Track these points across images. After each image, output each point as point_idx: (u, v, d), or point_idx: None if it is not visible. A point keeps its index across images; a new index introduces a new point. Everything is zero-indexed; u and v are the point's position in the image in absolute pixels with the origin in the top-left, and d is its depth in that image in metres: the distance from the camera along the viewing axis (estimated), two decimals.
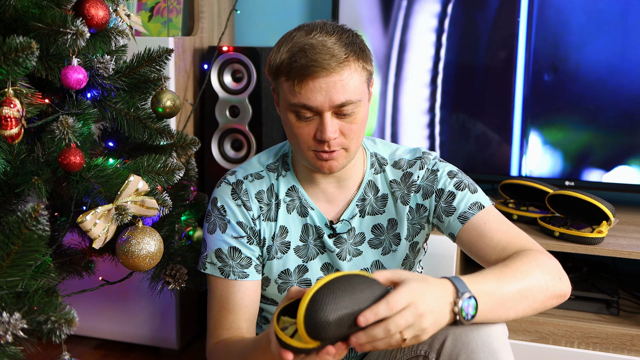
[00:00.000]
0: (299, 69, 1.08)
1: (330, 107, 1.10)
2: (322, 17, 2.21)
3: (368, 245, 1.27)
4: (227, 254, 1.23)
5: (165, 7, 2.04)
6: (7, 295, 0.98)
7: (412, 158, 1.27)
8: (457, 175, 1.25)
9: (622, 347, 1.62)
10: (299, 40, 1.10)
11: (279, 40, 1.15)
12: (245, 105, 1.94)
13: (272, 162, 1.28)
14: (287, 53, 1.11)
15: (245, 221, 1.24)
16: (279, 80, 1.13)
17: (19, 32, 1.05)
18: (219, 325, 1.21)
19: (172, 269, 1.47)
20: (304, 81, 1.09)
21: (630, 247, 1.60)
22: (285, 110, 1.15)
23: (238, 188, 1.25)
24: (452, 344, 1.05)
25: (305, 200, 1.25)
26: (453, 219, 1.22)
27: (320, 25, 1.13)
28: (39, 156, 1.17)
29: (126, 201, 1.17)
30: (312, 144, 1.14)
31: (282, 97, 1.14)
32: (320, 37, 1.10)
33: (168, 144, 1.42)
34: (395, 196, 1.26)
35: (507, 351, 1.05)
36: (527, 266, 1.05)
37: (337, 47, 1.09)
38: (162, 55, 1.35)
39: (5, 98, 1.01)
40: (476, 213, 1.20)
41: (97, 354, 2.01)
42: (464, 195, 1.22)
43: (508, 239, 1.15)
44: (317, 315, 0.84)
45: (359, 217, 1.26)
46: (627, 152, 1.84)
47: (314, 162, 1.17)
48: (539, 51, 1.86)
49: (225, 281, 1.23)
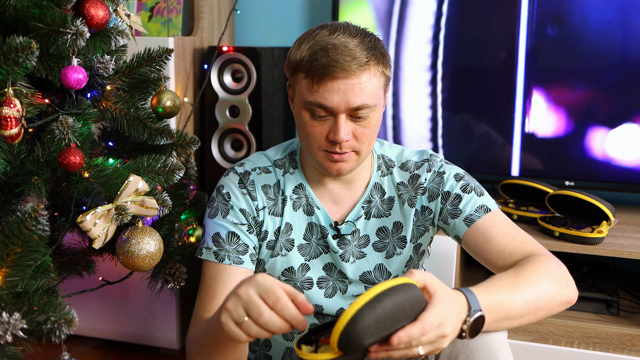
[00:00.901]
0: (319, 67, 1.08)
1: (345, 109, 1.10)
2: (322, 17, 2.21)
3: (372, 248, 1.26)
4: (225, 238, 1.21)
5: (165, 7, 2.04)
6: (7, 295, 0.98)
7: (420, 160, 1.27)
8: (463, 178, 1.25)
9: (622, 347, 1.62)
10: (321, 39, 1.10)
11: (300, 36, 1.15)
12: (245, 105, 1.94)
13: (279, 158, 1.28)
14: (308, 50, 1.10)
15: (249, 210, 1.23)
16: (297, 77, 1.13)
17: (19, 32, 1.05)
18: (202, 307, 1.20)
19: (172, 268, 1.47)
20: (322, 80, 1.09)
21: (630, 247, 1.60)
22: (299, 107, 1.15)
23: (245, 178, 1.25)
24: (451, 344, 1.05)
25: (312, 199, 1.25)
26: (459, 221, 1.21)
27: (344, 26, 1.13)
28: (39, 156, 1.17)
29: (126, 201, 1.17)
30: (324, 144, 1.14)
31: (298, 94, 1.14)
32: (343, 38, 1.10)
33: (168, 143, 1.42)
34: (402, 199, 1.26)
35: (506, 351, 1.05)
36: (536, 275, 1.05)
37: (359, 49, 1.09)
38: (162, 55, 1.35)
39: (5, 98, 1.01)
40: (482, 216, 1.20)
41: (97, 354, 2.01)
42: (471, 197, 1.22)
43: (515, 244, 1.15)
44: (356, 337, 0.81)
45: (364, 219, 1.26)
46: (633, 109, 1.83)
47: (323, 163, 1.17)
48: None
49: (217, 265, 1.21)
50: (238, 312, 0.88)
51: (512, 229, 1.19)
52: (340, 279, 1.26)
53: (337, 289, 1.27)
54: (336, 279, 1.26)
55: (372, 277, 1.26)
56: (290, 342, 1.29)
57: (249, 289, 0.88)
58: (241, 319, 0.87)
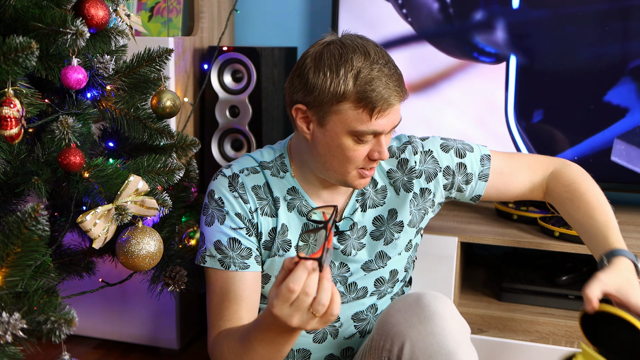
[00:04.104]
0: (379, 99, 1.10)
1: (390, 128, 1.15)
2: (322, 17, 2.21)
3: (370, 237, 1.28)
4: (227, 245, 1.22)
5: (165, 7, 2.04)
6: (7, 295, 0.98)
7: (401, 144, 1.31)
8: (448, 146, 1.33)
9: None
10: (364, 67, 1.10)
11: (322, 65, 1.12)
12: (245, 105, 1.94)
13: (266, 160, 1.28)
14: (354, 79, 1.10)
15: (243, 213, 1.23)
16: (340, 106, 1.11)
17: (19, 32, 1.05)
18: (220, 317, 1.20)
19: (172, 271, 1.46)
20: (384, 111, 1.11)
21: (630, 247, 1.59)
22: (339, 135, 1.13)
23: (234, 181, 1.25)
24: (411, 350, 1.09)
25: (306, 201, 1.26)
26: (475, 182, 1.33)
27: (368, 48, 1.13)
28: (39, 156, 1.17)
29: (126, 201, 1.17)
30: (362, 163, 1.17)
31: (340, 123, 1.12)
32: (382, 61, 1.12)
33: (168, 144, 1.42)
34: (396, 185, 1.28)
35: (464, 349, 1.08)
36: (591, 190, 1.30)
37: (398, 71, 1.14)
38: (162, 55, 1.35)
39: (5, 98, 1.01)
40: (489, 165, 1.34)
41: (97, 354, 2.01)
42: (470, 158, 1.33)
43: (530, 177, 1.36)
44: None
45: (361, 211, 1.28)
46: None
47: (354, 180, 1.19)
48: None
49: (225, 273, 1.22)
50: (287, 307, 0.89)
51: (515, 161, 1.37)
52: (343, 273, 1.27)
53: (338, 282, 1.28)
54: (338, 274, 1.27)
55: (373, 265, 1.28)
56: None
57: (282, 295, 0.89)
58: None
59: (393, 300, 1.22)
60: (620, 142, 1.83)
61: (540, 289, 1.71)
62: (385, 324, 1.15)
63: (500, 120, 1.90)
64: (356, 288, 1.29)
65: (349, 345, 1.31)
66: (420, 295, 1.15)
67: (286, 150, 1.28)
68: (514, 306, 1.71)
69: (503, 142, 1.90)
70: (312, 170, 1.24)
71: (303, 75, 1.13)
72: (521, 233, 1.68)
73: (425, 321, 1.10)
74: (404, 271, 1.34)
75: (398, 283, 1.35)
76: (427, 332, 1.08)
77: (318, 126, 1.15)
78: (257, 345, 1.02)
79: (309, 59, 1.14)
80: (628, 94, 1.80)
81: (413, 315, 1.11)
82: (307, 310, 0.88)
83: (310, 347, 1.29)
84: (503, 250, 1.97)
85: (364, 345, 1.23)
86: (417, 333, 1.09)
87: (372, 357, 1.16)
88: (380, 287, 1.31)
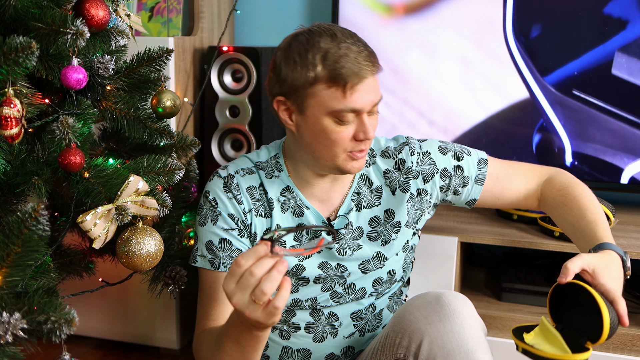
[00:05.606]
0: (349, 74, 1.10)
1: (370, 107, 1.14)
2: (323, 17, 2.21)
3: (367, 238, 1.28)
4: (218, 245, 1.23)
5: (165, 7, 2.04)
6: (7, 295, 0.98)
7: (398, 145, 1.31)
8: (445, 148, 1.33)
9: (622, 347, 1.62)
10: (331, 47, 1.11)
11: (291, 53, 1.13)
12: (245, 105, 1.94)
13: (261, 161, 1.28)
14: (323, 61, 1.11)
15: (237, 214, 1.24)
16: (314, 90, 1.12)
17: (19, 32, 1.05)
18: (206, 316, 1.22)
19: (172, 271, 1.47)
20: (356, 85, 1.11)
21: (630, 247, 1.60)
22: (319, 118, 1.14)
23: (229, 182, 1.25)
24: (429, 347, 1.08)
25: (301, 200, 1.25)
26: (471, 185, 1.33)
27: (335, 30, 1.14)
28: (39, 156, 1.17)
29: (126, 201, 1.18)
30: (349, 146, 1.16)
31: (318, 106, 1.13)
32: (349, 40, 1.12)
33: (168, 144, 1.42)
34: (392, 185, 1.28)
35: (482, 350, 1.08)
36: (582, 193, 1.30)
37: (368, 49, 1.14)
38: (162, 55, 1.35)
39: (5, 98, 1.01)
40: (486, 170, 1.34)
41: (97, 354, 2.01)
42: (467, 161, 1.33)
43: (525, 184, 1.37)
44: (616, 327, 1.09)
45: (356, 211, 1.27)
46: None
47: (345, 165, 1.18)
48: None
49: (215, 273, 1.23)
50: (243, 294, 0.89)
51: (511, 168, 1.38)
52: (341, 273, 1.27)
53: (336, 283, 1.28)
54: (335, 275, 1.27)
55: (371, 265, 1.28)
56: (286, 341, 1.29)
57: (232, 279, 0.89)
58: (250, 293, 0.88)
59: (410, 298, 1.21)
60: (621, 55, 1.80)
61: (540, 289, 1.71)
62: (403, 321, 1.14)
63: (499, 38, 1.86)
64: (355, 289, 1.29)
65: (350, 344, 1.31)
66: (440, 293, 1.15)
67: (281, 149, 1.29)
68: (514, 306, 1.71)
69: (502, 62, 1.87)
70: (306, 166, 1.24)
71: (276, 68, 1.16)
72: (521, 233, 1.68)
73: (445, 319, 1.09)
74: (402, 271, 1.34)
75: (396, 283, 1.35)
76: (446, 330, 1.07)
77: (299, 114, 1.17)
78: (225, 343, 1.03)
79: (279, 52, 1.16)
80: (628, 5, 1.76)
81: (432, 313, 1.11)
82: (250, 293, 0.88)
83: (310, 347, 1.30)
84: (503, 250, 1.97)
85: (376, 343, 1.22)
86: (437, 330, 1.08)
87: (387, 354, 1.16)
88: (378, 288, 1.31)
